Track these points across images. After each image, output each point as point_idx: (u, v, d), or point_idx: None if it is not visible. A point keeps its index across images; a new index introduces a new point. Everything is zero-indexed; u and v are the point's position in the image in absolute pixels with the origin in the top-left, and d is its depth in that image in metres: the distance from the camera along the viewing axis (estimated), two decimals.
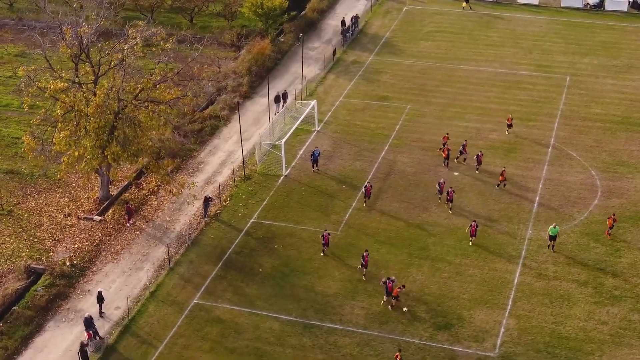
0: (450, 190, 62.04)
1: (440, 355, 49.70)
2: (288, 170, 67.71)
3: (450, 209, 62.10)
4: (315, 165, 67.63)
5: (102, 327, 52.28)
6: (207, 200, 62.27)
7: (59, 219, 62.73)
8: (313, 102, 73.06)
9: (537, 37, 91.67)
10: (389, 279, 53.44)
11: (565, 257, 57.54)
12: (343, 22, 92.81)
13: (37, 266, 57.24)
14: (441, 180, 63.30)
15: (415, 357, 49.61)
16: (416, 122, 74.74)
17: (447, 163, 67.61)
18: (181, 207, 63.64)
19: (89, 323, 50.91)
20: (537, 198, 63.73)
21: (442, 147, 68.74)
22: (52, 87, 58.42)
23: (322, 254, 57.90)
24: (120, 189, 65.83)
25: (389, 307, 53.02)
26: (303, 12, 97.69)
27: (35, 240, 60.30)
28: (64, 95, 58.94)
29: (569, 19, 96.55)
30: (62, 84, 58.79)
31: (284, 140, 67.23)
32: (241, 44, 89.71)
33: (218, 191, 64.82)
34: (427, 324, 51.92)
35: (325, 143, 71.24)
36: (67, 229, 61.41)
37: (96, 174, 63.94)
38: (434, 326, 51.77)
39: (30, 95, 59.80)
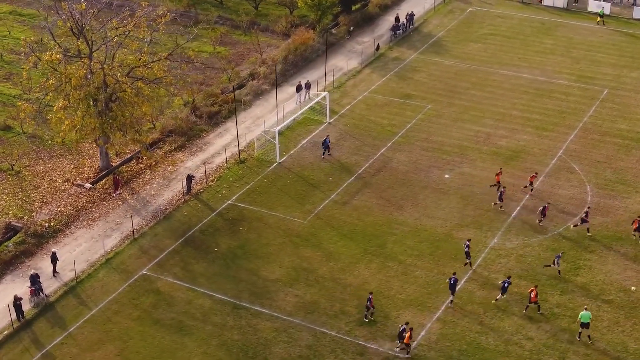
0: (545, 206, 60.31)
1: (350, 350, 49.94)
2: (284, 158, 68.94)
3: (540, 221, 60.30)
4: (326, 151, 68.75)
5: (51, 286, 55.43)
6: (189, 178, 64.53)
7: (57, 183, 66.51)
8: (325, 93, 73.95)
9: (591, 47, 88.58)
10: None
11: (522, 269, 56.25)
12: (397, 19, 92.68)
13: (16, 224, 61.07)
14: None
15: (326, 349, 50.09)
16: (430, 122, 74.25)
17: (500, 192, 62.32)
18: (169, 184, 66.11)
19: (34, 280, 54.17)
20: (518, 208, 62.31)
21: (497, 184, 63.53)
22: (46, 58, 62.02)
23: (370, 318, 52.66)
24: (121, 160, 68.96)
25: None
26: (366, 7, 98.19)
27: (27, 200, 64.25)
28: (60, 66, 62.43)
29: (635, 32, 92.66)
30: (57, 55, 62.29)
31: (278, 128, 68.51)
32: (291, 33, 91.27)
33: (205, 171, 66.81)
34: (351, 319, 52.17)
35: (332, 135, 71.80)
36: (58, 193, 65.07)
37: (95, 144, 67.40)
38: (357, 321, 51.96)
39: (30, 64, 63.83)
